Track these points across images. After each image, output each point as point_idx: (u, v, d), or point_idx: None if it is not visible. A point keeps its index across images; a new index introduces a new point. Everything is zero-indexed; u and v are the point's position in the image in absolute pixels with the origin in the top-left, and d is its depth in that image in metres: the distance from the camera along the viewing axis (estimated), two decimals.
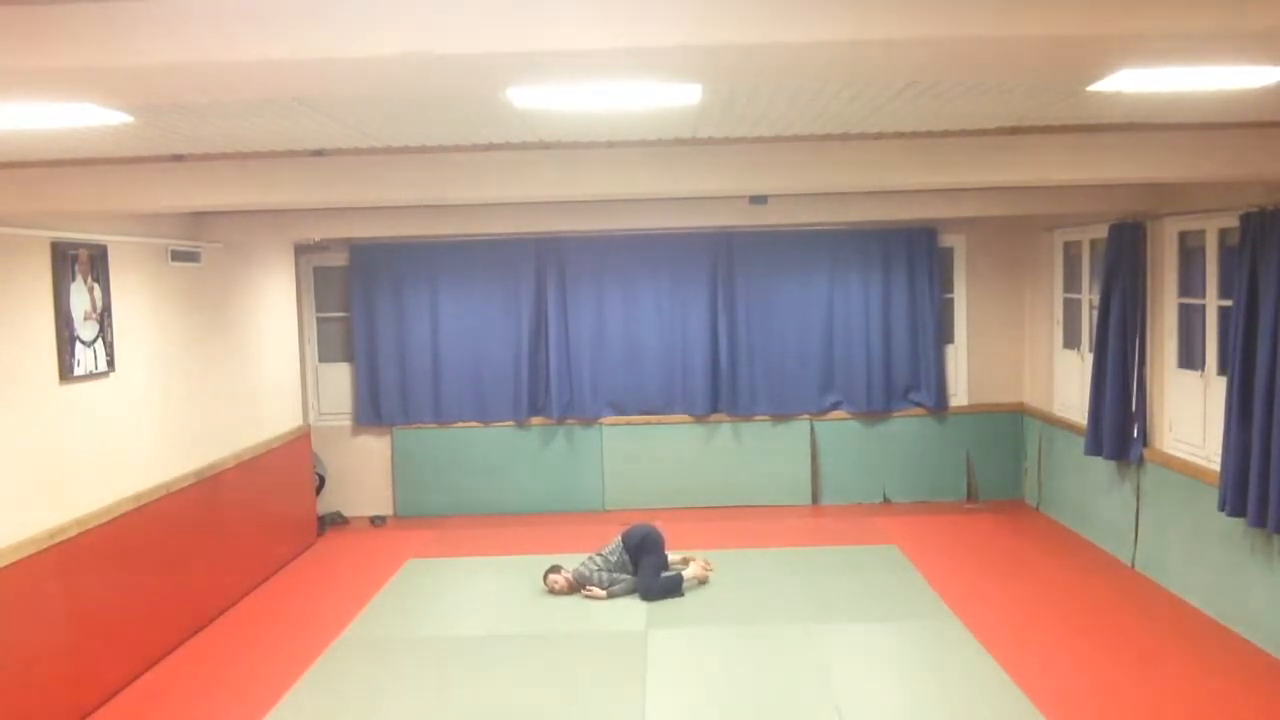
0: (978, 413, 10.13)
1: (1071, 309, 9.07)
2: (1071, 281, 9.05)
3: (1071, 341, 9.07)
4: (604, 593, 7.36)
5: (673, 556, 7.82)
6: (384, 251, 9.95)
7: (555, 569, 7.56)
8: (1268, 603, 6.14)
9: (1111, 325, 7.77)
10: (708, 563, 7.78)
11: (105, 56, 2.35)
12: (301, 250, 9.83)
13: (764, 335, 10.04)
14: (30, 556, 5.30)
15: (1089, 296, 8.61)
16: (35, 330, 5.57)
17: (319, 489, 9.87)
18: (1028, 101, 4.12)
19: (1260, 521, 5.95)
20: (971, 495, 10.09)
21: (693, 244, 9.94)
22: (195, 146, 4.70)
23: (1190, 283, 7.20)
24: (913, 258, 9.93)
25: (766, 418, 10.11)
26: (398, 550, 8.88)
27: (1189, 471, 7.00)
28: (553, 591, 7.50)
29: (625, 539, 7.57)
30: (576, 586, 7.46)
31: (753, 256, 9.96)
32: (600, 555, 7.54)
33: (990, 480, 10.11)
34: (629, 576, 7.46)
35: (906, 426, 10.10)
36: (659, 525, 7.83)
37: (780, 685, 5.88)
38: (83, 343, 5.93)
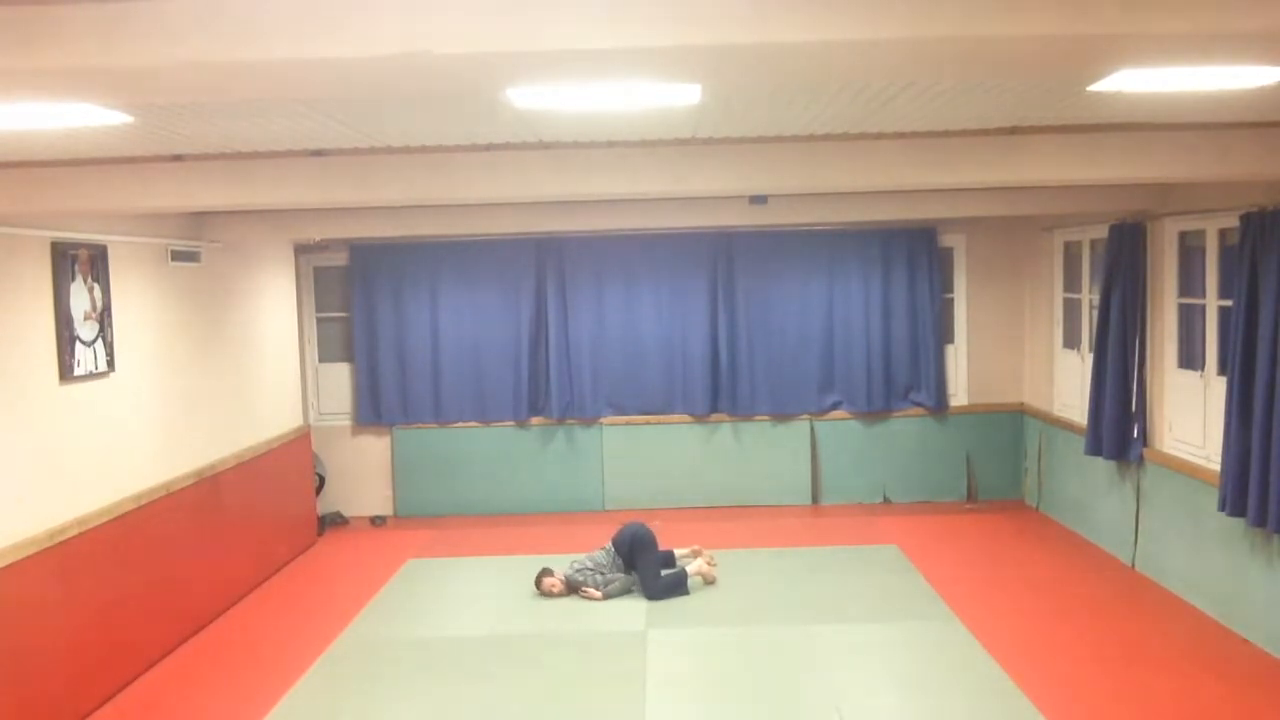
0: (978, 413, 10.13)
1: (1071, 309, 9.06)
2: (1071, 281, 9.05)
3: (1071, 341, 9.07)
4: (599, 594, 7.35)
5: (681, 551, 7.84)
6: (384, 251, 9.95)
7: (547, 572, 7.53)
8: (1268, 603, 6.13)
9: (1111, 325, 7.77)
10: (711, 558, 7.77)
11: (105, 56, 2.35)
12: (301, 250, 9.83)
13: (764, 335, 10.03)
14: (30, 556, 5.30)
15: (1089, 296, 8.61)
16: (35, 330, 5.57)
17: (319, 489, 9.87)
18: (1028, 101, 4.12)
19: (1260, 521, 5.95)
20: (971, 495, 10.09)
21: (693, 244, 9.94)
22: (195, 146, 4.70)
23: (1190, 283, 7.20)
24: (913, 258, 9.93)
25: (766, 417, 10.11)
26: (398, 550, 8.88)
27: (1189, 471, 7.00)
28: (547, 595, 7.48)
29: (616, 543, 7.54)
30: (571, 588, 7.45)
31: (753, 256, 9.96)
32: (590, 558, 7.52)
33: (990, 480, 10.10)
34: (623, 575, 7.46)
35: (906, 426, 10.10)
36: (656, 524, 7.83)
37: (780, 685, 5.88)
38: (83, 343, 5.93)
